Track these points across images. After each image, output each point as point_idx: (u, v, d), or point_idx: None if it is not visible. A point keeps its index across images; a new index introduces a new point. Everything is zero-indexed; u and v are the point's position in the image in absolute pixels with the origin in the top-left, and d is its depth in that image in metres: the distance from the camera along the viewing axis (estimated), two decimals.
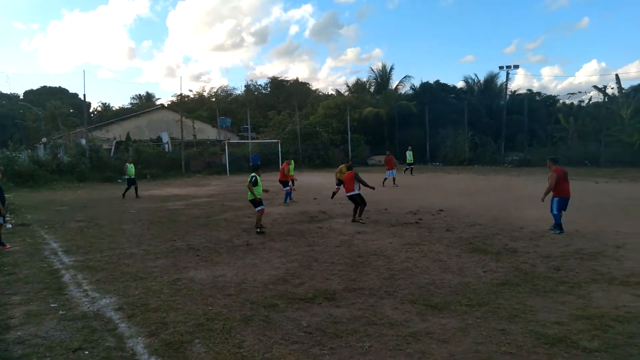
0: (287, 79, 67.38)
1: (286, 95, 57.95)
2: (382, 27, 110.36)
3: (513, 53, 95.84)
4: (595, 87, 40.58)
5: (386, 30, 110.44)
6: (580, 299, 5.49)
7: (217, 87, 72.65)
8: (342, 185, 15.42)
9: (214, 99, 60.67)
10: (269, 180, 16.48)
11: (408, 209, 13.12)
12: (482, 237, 9.21)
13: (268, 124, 47.03)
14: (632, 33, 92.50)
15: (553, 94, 50.92)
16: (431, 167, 36.02)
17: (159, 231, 10.84)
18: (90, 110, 57.04)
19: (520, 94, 45.17)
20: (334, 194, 15.69)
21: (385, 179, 20.47)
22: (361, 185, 11.44)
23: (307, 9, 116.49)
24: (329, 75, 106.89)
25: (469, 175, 27.23)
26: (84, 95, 31.93)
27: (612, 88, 37.76)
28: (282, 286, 6.27)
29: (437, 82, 49.26)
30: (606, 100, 36.98)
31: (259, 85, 67.66)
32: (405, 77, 52.39)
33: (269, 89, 65.46)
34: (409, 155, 26.57)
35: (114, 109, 63.11)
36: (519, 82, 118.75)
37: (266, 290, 6.11)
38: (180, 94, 45.02)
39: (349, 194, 11.44)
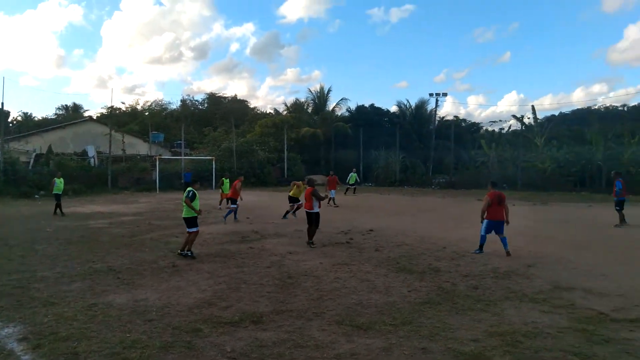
0: (225, 95, 66.53)
1: (223, 111, 56.96)
2: (322, 49, 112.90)
3: (443, 81, 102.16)
4: (514, 116, 44.31)
5: (326, 52, 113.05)
6: (495, 316, 5.83)
7: (152, 100, 69.64)
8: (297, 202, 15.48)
9: (147, 113, 58.38)
10: (202, 199, 15.95)
11: (340, 229, 13.31)
12: (409, 256, 9.55)
13: (203, 140, 45.93)
14: (546, 68, 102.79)
15: (477, 121, 54.95)
16: (364, 187, 36.87)
17: (77, 252, 10.12)
18: (9, 120, 52.64)
19: (448, 120, 48.20)
20: (296, 208, 15.58)
21: (332, 198, 20.73)
22: (320, 202, 11.22)
23: (248, 27, 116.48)
24: (268, 94, 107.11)
25: (399, 195, 28.30)
26: (2, 103, 29.18)
27: (529, 118, 41.40)
28: (207, 310, 6.07)
29: (372, 105, 51.30)
30: (523, 128, 40.32)
31: (196, 100, 66.18)
32: (342, 99, 53.47)
33: (206, 105, 64.12)
34: (352, 176, 27.10)
35: (36, 119, 58.64)
36: (447, 109, 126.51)
37: (190, 314, 5.89)
38: (111, 106, 42.97)
39: (309, 211, 11.11)
